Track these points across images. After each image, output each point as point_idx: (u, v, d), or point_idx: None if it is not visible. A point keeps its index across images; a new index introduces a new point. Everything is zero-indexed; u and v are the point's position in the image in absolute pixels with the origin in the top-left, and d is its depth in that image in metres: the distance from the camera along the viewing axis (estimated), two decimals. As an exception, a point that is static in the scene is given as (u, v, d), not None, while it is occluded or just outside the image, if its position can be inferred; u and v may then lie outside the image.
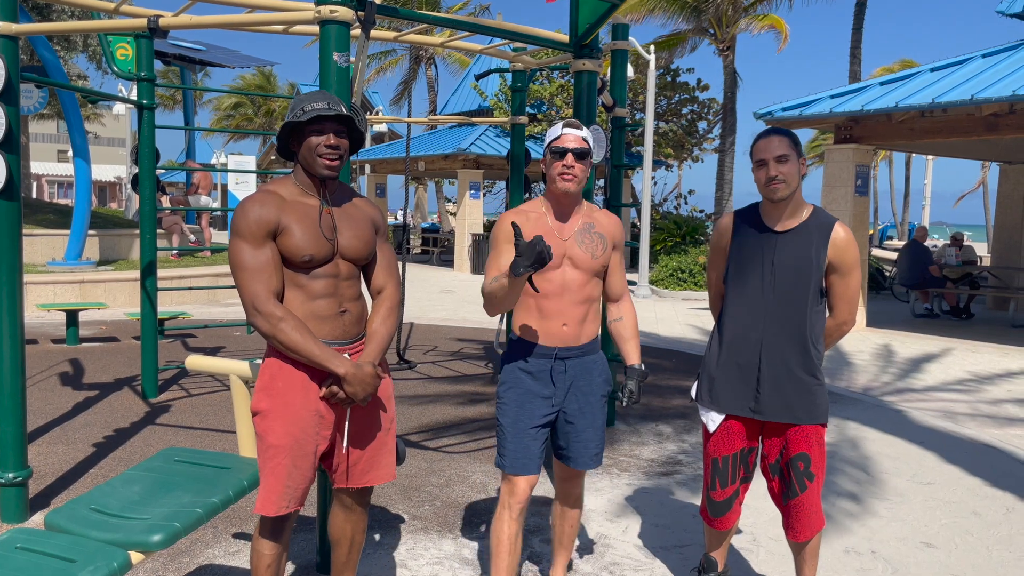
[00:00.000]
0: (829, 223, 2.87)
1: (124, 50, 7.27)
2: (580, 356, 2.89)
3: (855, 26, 20.54)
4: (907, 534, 4.07)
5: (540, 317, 2.85)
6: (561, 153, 2.80)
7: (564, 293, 2.83)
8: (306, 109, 2.49)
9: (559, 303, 2.83)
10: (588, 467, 2.96)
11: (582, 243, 2.85)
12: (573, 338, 2.86)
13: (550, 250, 2.48)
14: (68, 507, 2.60)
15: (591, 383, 2.93)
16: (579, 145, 2.81)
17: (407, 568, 3.51)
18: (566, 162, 2.79)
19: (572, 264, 2.84)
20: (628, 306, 3.04)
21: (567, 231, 2.86)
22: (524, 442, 2.84)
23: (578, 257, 2.84)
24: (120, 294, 11.51)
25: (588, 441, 2.94)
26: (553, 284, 2.83)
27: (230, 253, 2.47)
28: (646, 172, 15.39)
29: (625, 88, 6.02)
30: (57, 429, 5.50)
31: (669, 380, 7.64)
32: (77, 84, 19.21)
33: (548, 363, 2.86)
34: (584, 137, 2.84)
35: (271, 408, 2.50)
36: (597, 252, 2.87)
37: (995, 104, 9.43)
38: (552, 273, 2.82)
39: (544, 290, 2.82)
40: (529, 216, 2.88)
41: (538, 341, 2.86)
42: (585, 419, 2.92)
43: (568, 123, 2.85)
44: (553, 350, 2.85)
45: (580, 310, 2.85)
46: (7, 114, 3.63)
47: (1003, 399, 7.27)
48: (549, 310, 2.84)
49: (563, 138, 2.82)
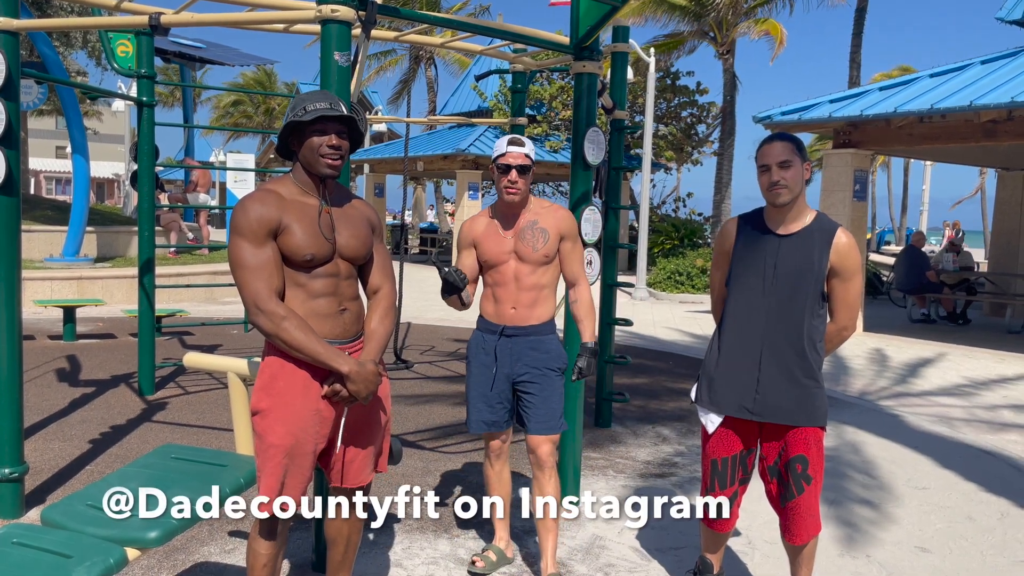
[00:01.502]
0: (832, 228, 2.89)
1: (124, 47, 7.27)
2: (527, 336, 3.31)
3: (855, 31, 20.57)
4: (902, 538, 4.08)
5: (494, 302, 3.35)
6: (505, 169, 3.22)
7: (512, 282, 3.30)
8: (308, 109, 2.49)
9: (508, 290, 3.31)
10: (538, 432, 3.30)
11: (524, 238, 3.28)
12: (520, 319, 3.30)
13: (460, 278, 3.15)
14: (64, 503, 2.61)
15: (538, 358, 3.30)
16: (522, 162, 3.22)
17: (402, 568, 3.51)
18: (510, 177, 3.22)
19: (517, 257, 3.30)
20: (583, 289, 3.43)
21: (512, 231, 3.32)
22: (477, 406, 3.38)
23: (521, 251, 3.28)
24: (118, 291, 11.50)
25: (537, 408, 3.30)
26: (504, 275, 3.31)
27: (230, 252, 2.46)
28: (645, 175, 15.40)
29: (625, 90, 6.03)
30: (54, 425, 5.50)
31: (666, 382, 7.65)
32: (77, 80, 19.18)
33: (494, 339, 3.33)
34: (527, 153, 3.24)
35: (271, 407, 2.50)
36: (538, 245, 3.28)
37: (994, 110, 9.44)
38: (503, 266, 3.31)
39: (497, 280, 3.33)
40: (481, 221, 3.39)
41: (491, 320, 3.36)
42: (534, 387, 3.30)
43: (512, 140, 3.25)
44: (499, 327, 3.32)
45: (528, 296, 3.30)
46: (7, 110, 3.63)
47: (999, 404, 7.28)
48: (500, 296, 3.33)
49: (507, 155, 3.22)
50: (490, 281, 3.37)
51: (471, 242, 3.38)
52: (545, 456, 3.33)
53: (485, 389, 3.37)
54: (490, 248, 3.32)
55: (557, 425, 3.34)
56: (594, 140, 5.07)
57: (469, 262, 3.38)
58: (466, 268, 3.35)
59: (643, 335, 10.67)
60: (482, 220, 3.40)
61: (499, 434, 3.43)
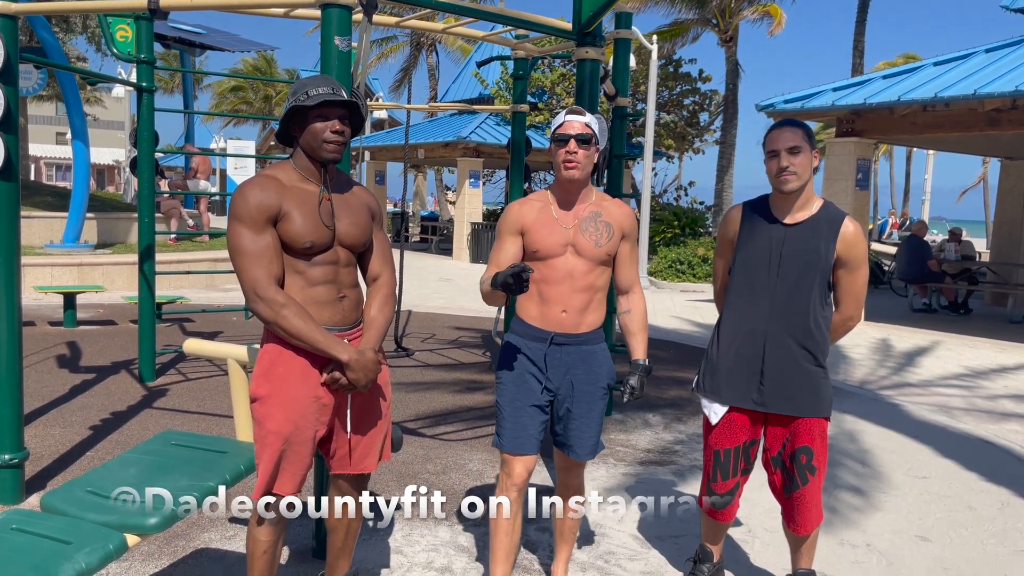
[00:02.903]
0: (839, 217, 2.86)
1: (124, 32, 7.22)
2: (579, 345, 2.88)
3: (858, 19, 20.49)
4: (902, 527, 4.08)
5: (541, 302, 2.87)
6: (564, 140, 2.81)
7: (566, 280, 2.84)
8: (311, 93, 2.46)
9: (560, 289, 2.84)
10: (582, 458, 2.95)
11: (586, 231, 2.84)
12: (572, 325, 2.86)
13: (525, 284, 2.57)
14: (64, 489, 2.60)
15: (589, 373, 2.90)
16: (581, 131, 2.80)
17: (403, 554, 3.51)
18: (569, 148, 2.79)
19: (575, 252, 2.85)
20: (638, 299, 3.03)
21: (571, 219, 2.86)
22: (521, 420, 2.86)
23: (581, 245, 2.84)
24: (118, 277, 11.49)
25: (582, 431, 2.92)
26: (556, 271, 2.84)
27: (229, 238, 2.44)
28: (647, 163, 15.35)
29: (627, 77, 5.99)
30: (54, 411, 5.50)
31: (666, 371, 7.65)
32: (76, 66, 19.12)
33: (543, 347, 2.87)
34: (587, 123, 2.82)
35: (270, 394, 2.49)
36: (602, 240, 2.85)
37: (997, 99, 9.40)
38: (555, 260, 2.84)
39: (547, 276, 2.84)
40: (534, 205, 2.90)
41: (536, 324, 2.88)
42: (580, 408, 2.90)
43: (571, 110, 2.85)
44: (549, 334, 2.86)
45: (582, 298, 2.85)
46: (6, 95, 3.61)
47: (999, 394, 7.28)
48: (550, 296, 2.85)
49: (565, 125, 2.82)
50: (537, 277, 2.86)
51: (519, 228, 2.87)
52: (580, 483, 3.07)
53: (532, 401, 2.86)
54: (544, 237, 2.84)
55: (598, 447, 2.99)
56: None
57: (512, 252, 2.88)
58: (507, 258, 2.87)
59: (644, 323, 10.65)
60: (535, 204, 2.91)
61: (533, 458, 2.90)
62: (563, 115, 2.86)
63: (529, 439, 2.86)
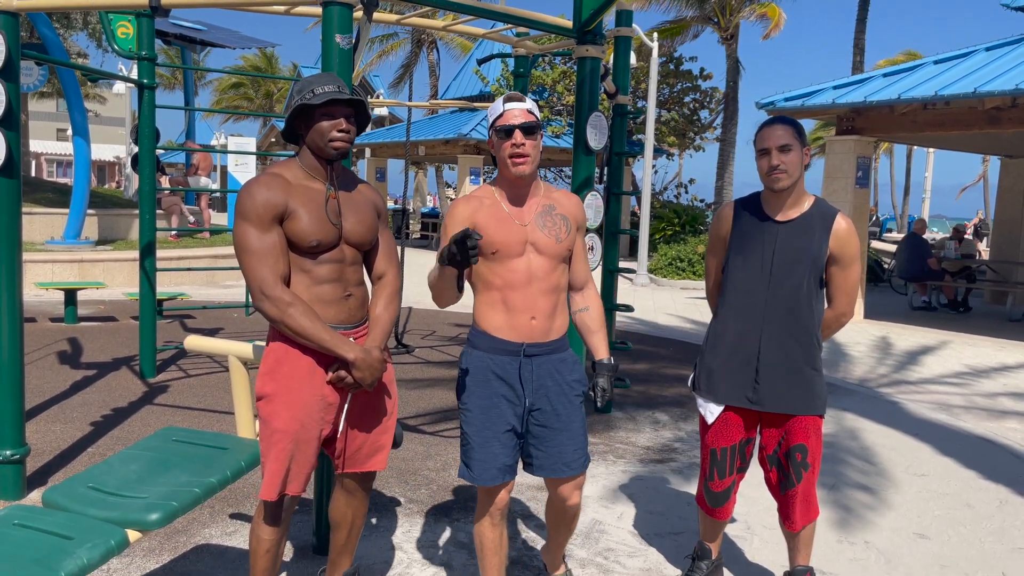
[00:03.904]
0: (831, 214, 2.87)
1: (125, 29, 7.24)
2: (549, 354, 2.64)
3: (859, 17, 20.47)
4: (900, 525, 4.09)
5: (506, 310, 2.60)
6: (507, 132, 2.51)
7: (531, 283, 2.59)
8: (317, 92, 2.46)
9: (526, 294, 2.58)
10: (565, 475, 2.68)
11: (544, 226, 2.61)
12: (542, 333, 2.61)
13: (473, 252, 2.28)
14: (66, 485, 2.61)
15: (562, 383, 2.66)
16: (526, 119, 2.51)
17: (403, 551, 3.52)
18: (515, 140, 2.51)
19: (536, 250, 2.60)
20: (593, 294, 2.80)
21: (526, 216, 2.61)
22: (492, 451, 2.61)
23: (541, 242, 2.60)
24: (119, 274, 11.50)
25: (563, 446, 2.65)
26: (518, 273, 2.58)
27: (235, 236, 2.45)
28: (647, 160, 15.35)
29: (628, 75, 5.99)
30: (55, 407, 5.51)
31: (667, 368, 7.66)
32: (77, 62, 19.13)
33: (516, 360, 2.60)
34: (529, 109, 2.54)
35: (276, 392, 2.49)
36: (561, 235, 2.63)
37: (998, 97, 9.40)
38: (515, 262, 2.58)
39: (509, 281, 2.58)
40: (483, 202, 2.62)
41: (503, 336, 2.60)
42: (559, 422, 2.65)
43: (510, 96, 2.58)
44: (521, 346, 2.59)
45: (549, 301, 2.61)
46: (7, 91, 3.62)
47: (999, 392, 7.29)
48: (516, 302, 2.58)
49: (507, 115, 2.53)
50: (498, 282, 2.58)
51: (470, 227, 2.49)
52: (576, 504, 2.78)
53: (504, 427, 2.61)
54: (500, 236, 2.56)
55: (585, 460, 2.72)
56: (596, 125, 5.06)
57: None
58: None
59: (644, 321, 10.67)
60: (483, 200, 2.62)
61: (509, 484, 2.69)
62: (500, 103, 2.56)
63: (503, 469, 2.63)
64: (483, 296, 2.65)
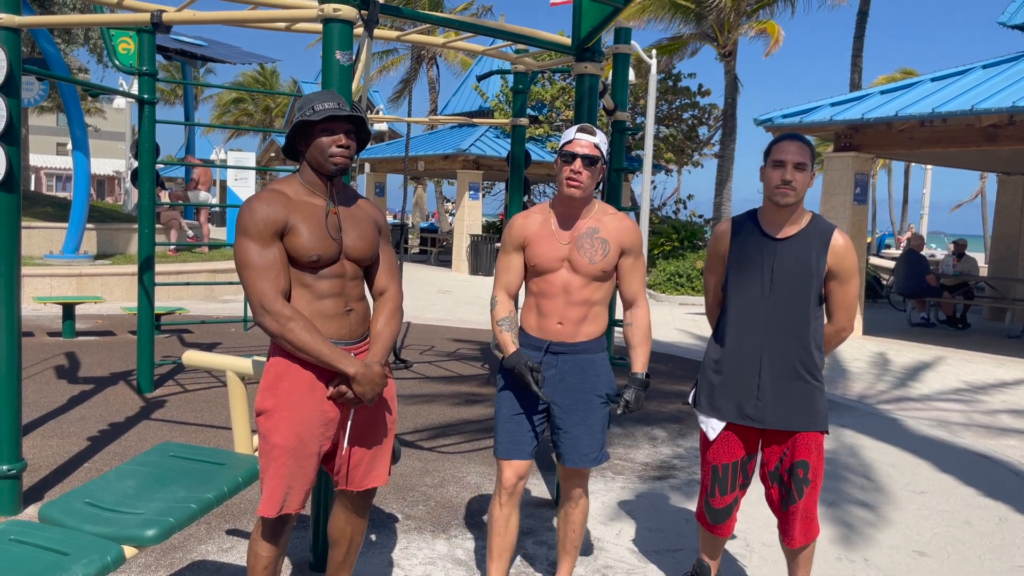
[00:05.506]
0: (828, 230, 2.88)
1: (126, 44, 7.27)
2: (575, 353, 2.95)
3: (856, 34, 20.59)
4: (899, 542, 4.08)
5: (538, 314, 2.96)
6: (571, 158, 2.85)
7: (561, 295, 2.92)
8: (317, 108, 2.48)
9: (556, 303, 2.92)
10: (578, 465, 2.99)
11: (582, 248, 2.90)
12: (567, 335, 2.93)
13: (530, 382, 2.80)
14: (62, 500, 2.60)
15: (585, 381, 2.96)
16: (589, 151, 2.84)
17: (400, 568, 3.51)
18: (574, 167, 2.84)
19: (570, 268, 2.91)
20: (641, 312, 3.04)
21: (569, 236, 2.92)
22: (512, 427, 2.96)
23: (577, 261, 2.90)
24: (117, 288, 11.49)
25: (578, 439, 2.96)
26: (552, 286, 2.92)
27: (236, 252, 2.45)
28: (646, 176, 15.38)
29: (626, 92, 6.02)
30: (52, 422, 5.49)
31: (665, 384, 7.65)
32: (78, 77, 19.20)
33: (539, 355, 2.95)
34: (596, 143, 2.87)
35: (276, 407, 2.49)
36: (596, 257, 2.89)
37: (995, 115, 9.45)
38: (552, 275, 2.92)
39: (544, 291, 2.93)
40: (535, 219, 2.97)
41: (534, 334, 2.98)
42: (576, 416, 2.96)
43: (582, 128, 2.89)
44: (545, 343, 2.95)
45: (578, 311, 2.92)
46: (8, 106, 3.63)
47: (998, 409, 7.28)
48: (546, 309, 2.94)
49: (574, 143, 2.86)
50: (535, 290, 2.96)
51: (522, 242, 2.95)
52: (582, 494, 3.09)
53: (522, 410, 2.97)
54: (541, 252, 2.91)
55: (600, 456, 3.01)
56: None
57: (517, 267, 2.98)
58: (513, 272, 2.99)
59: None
60: (536, 217, 2.97)
61: (524, 464, 2.97)
62: (573, 131, 2.89)
63: (518, 446, 2.95)
64: (527, 299, 3.04)
